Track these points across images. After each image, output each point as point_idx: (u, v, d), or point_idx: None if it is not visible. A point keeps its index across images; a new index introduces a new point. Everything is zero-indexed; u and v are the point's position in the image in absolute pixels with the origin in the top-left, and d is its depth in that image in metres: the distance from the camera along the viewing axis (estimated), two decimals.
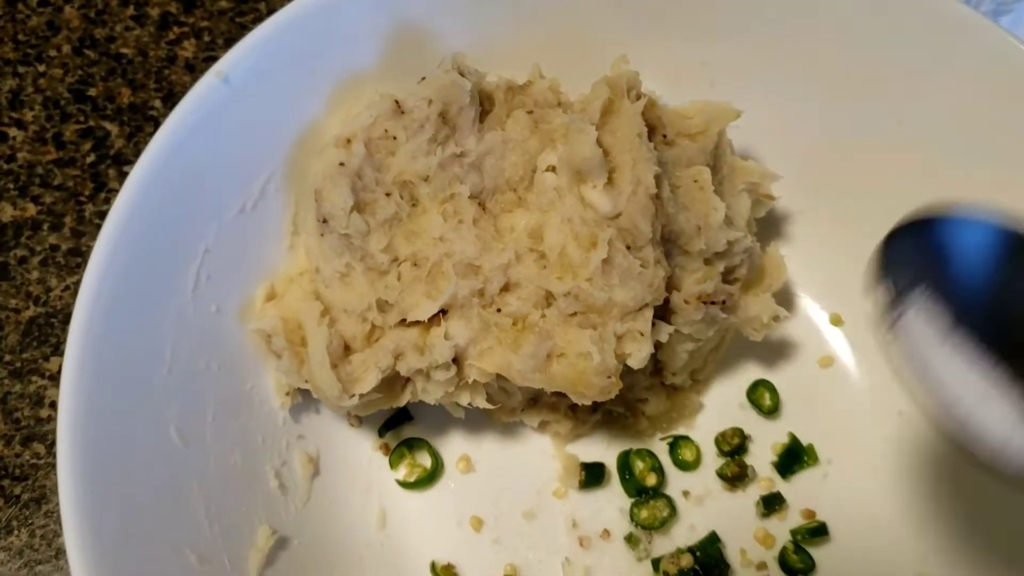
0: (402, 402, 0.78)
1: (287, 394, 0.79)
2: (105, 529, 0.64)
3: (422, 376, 0.76)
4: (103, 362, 0.67)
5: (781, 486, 0.84)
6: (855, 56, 0.83)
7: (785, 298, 0.88)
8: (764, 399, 0.86)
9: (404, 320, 0.76)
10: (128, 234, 0.71)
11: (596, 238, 0.74)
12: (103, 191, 0.98)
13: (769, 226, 0.90)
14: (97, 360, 0.67)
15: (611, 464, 0.85)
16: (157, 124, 0.99)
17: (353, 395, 0.74)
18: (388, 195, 0.76)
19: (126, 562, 0.64)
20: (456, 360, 0.75)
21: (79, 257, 0.95)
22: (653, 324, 0.75)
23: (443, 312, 0.75)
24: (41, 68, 1.04)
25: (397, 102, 0.77)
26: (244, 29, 1.06)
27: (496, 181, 0.77)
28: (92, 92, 1.03)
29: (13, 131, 1.01)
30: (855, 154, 0.87)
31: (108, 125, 1.01)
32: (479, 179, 0.77)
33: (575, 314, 0.75)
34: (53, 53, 1.04)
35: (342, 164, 0.75)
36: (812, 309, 0.90)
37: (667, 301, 0.77)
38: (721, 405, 0.87)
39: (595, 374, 0.73)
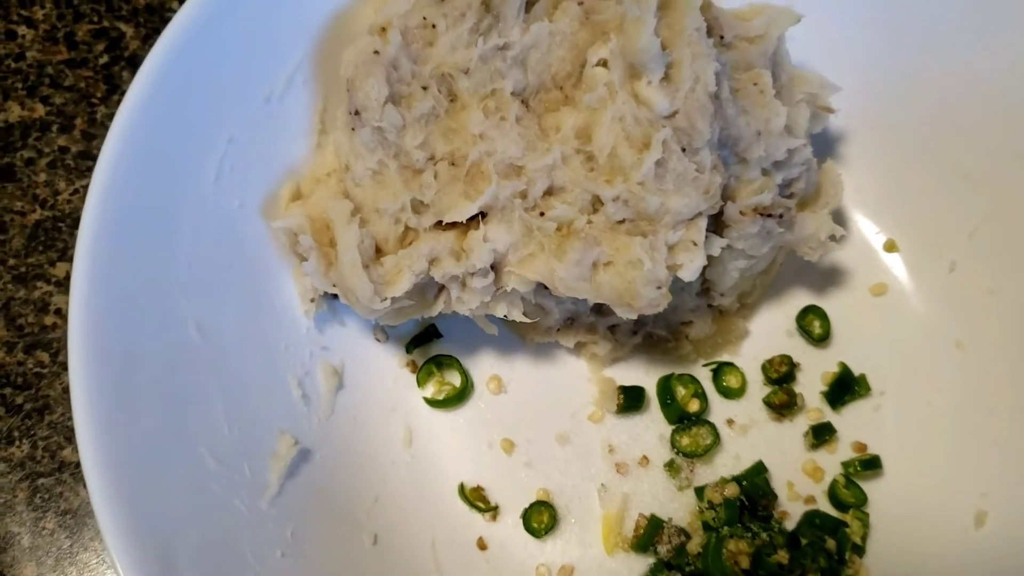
0: (435, 311, 0.73)
1: (312, 300, 0.74)
2: (119, 432, 0.59)
3: (457, 284, 0.71)
4: (118, 250, 0.63)
5: (831, 417, 0.79)
6: None
7: (838, 221, 0.82)
8: (814, 326, 0.82)
9: (440, 222, 0.71)
10: (146, 118, 0.66)
11: (650, 138, 0.69)
12: (116, 94, 0.93)
13: (824, 144, 0.85)
14: (111, 247, 0.63)
15: (650, 389, 0.80)
16: None
17: (385, 298, 0.69)
18: (425, 88, 0.71)
19: (142, 464, 0.59)
20: (495, 267, 0.71)
21: (89, 161, 0.90)
22: (706, 235, 0.70)
23: (482, 215, 0.70)
24: None
25: None
26: None
27: (541, 77, 0.72)
28: None
29: (23, 29, 0.95)
30: (915, 67, 0.83)
31: (123, 26, 0.96)
32: (523, 74, 0.72)
33: (624, 221, 0.70)
34: None
35: (376, 52, 0.70)
36: (866, 233, 0.85)
37: (721, 212, 0.73)
38: (769, 331, 0.83)
39: (644, 284, 0.68)
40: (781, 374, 0.79)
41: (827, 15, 0.82)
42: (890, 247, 0.84)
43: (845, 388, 0.79)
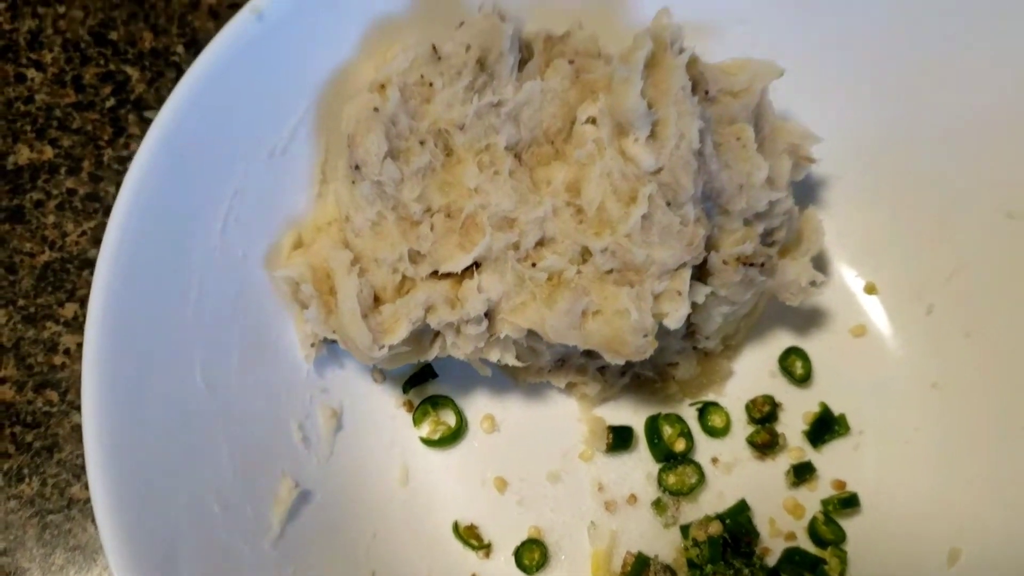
0: (431, 356, 0.76)
1: (312, 345, 0.77)
2: (128, 473, 0.62)
3: (452, 330, 0.74)
4: (129, 301, 0.65)
5: (812, 456, 0.82)
6: (899, 20, 0.81)
7: (820, 265, 0.86)
8: (796, 367, 0.85)
9: (436, 272, 0.74)
10: (156, 171, 0.69)
11: (636, 193, 0.72)
12: (123, 136, 0.96)
13: (805, 190, 0.88)
14: (122, 299, 0.65)
15: (638, 428, 0.83)
16: (179, 70, 0.97)
17: (383, 346, 0.72)
18: (422, 143, 0.74)
19: (149, 508, 0.62)
20: (488, 315, 0.74)
21: (97, 202, 0.93)
22: (690, 284, 0.73)
23: (476, 265, 0.73)
24: (61, 9, 1.01)
25: (434, 47, 0.74)
26: None
27: (534, 132, 0.75)
28: (113, 35, 1.00)
29: (31, 72, 0.98)
30: (895, 121, 0.86)
31: (128, 69, 0.99)
32: (516, 130, 0.75)
33: (612, 271, 0.73)
34: None
35: (376, 109, 0.73)
36: (846, 277, 0.88)
37: (705, 261, 0.76)
38: (752, 372, 0.86)
39: (631, 332, 0.71)
40: (764, 414, 0.83)
41: (810, 66, 0.84)
42: (870, 290, 0.87)
43: (825, 427, 0.83)
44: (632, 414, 0.84)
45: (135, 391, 0.64)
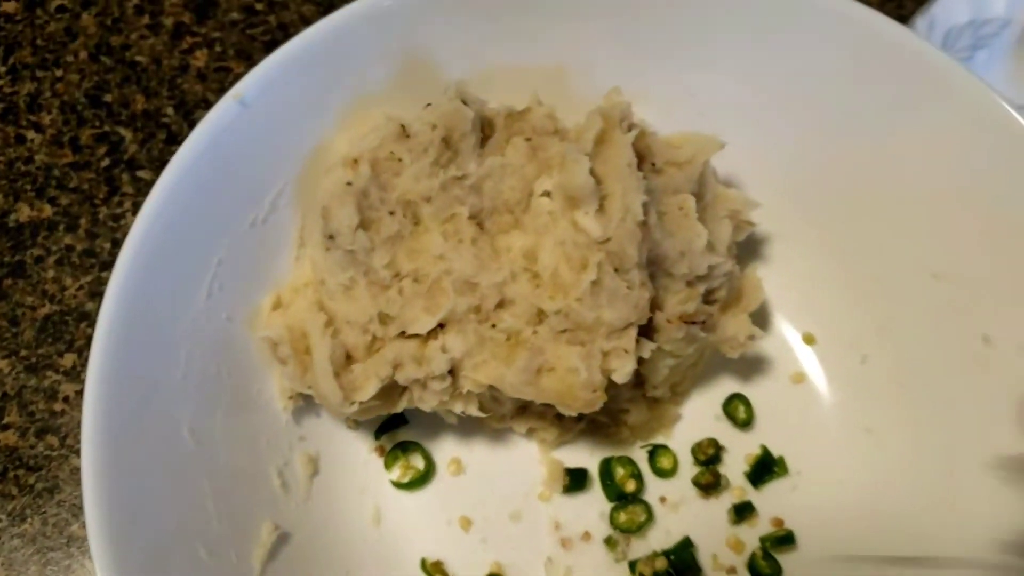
0: (399, 408, 0.83)
1: (290, 398, 0.84)
2: (122, 522, 0.69)
3: (419, 385, 0.81)
4: (123, 363, 0.72)
5: (752, 495, 0.89)
6: (831, 92, 0.88)
7: (761, 317, 0.93)
8: (739, 412, 0.92)
9: (404, 333, 0.80)
10: (148, 245, 0.75)
11: (587, 261, 0.79)
12: (116, 194, 1.03)
13: (748, 248, 0.95)
14: (118, 360, 0.72)
15: (593, 470, 0.90)
16: (169, 130, 1.04)
17: (354, 402, 0.79)
18: (392, 214, 0.81)
19: (142, 554, 0.69)
20: (452, 371, 0.80)
21: (93, 258, 1.00)
22: (637, 341, 0.80)
23: (441, 326, 0.80)
24: (58, 73, 1.08)
25: (403, 126, 0.81)
26: (254, 40, 1.10)
27: (495, 203, 0.82)
28: (108, 98, 1.07)
29: (31, 134, 1.05)
30: (831, 183, 0.92)
31: (122, 130, 1.05)
32: (479, 201, 0.82)
33: (565, 331, 0.80)
34: (70, 59, 1.08)
35: (349, 183, 0.80)
36: (786, 328, 0.95)
37: (651, 320, 0.82)
38: (698, 416, 0.93)
39: (582, 388, 0.78)
40: (708, 456, 0.90)
41: (755, 131, 0.91)
42: (808, 340, 0.94)
43: (765, 469, 0.90)
44: (588, 456, 0.91)
45: (129, 443, 0.71)
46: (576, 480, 0.89)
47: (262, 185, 0.82)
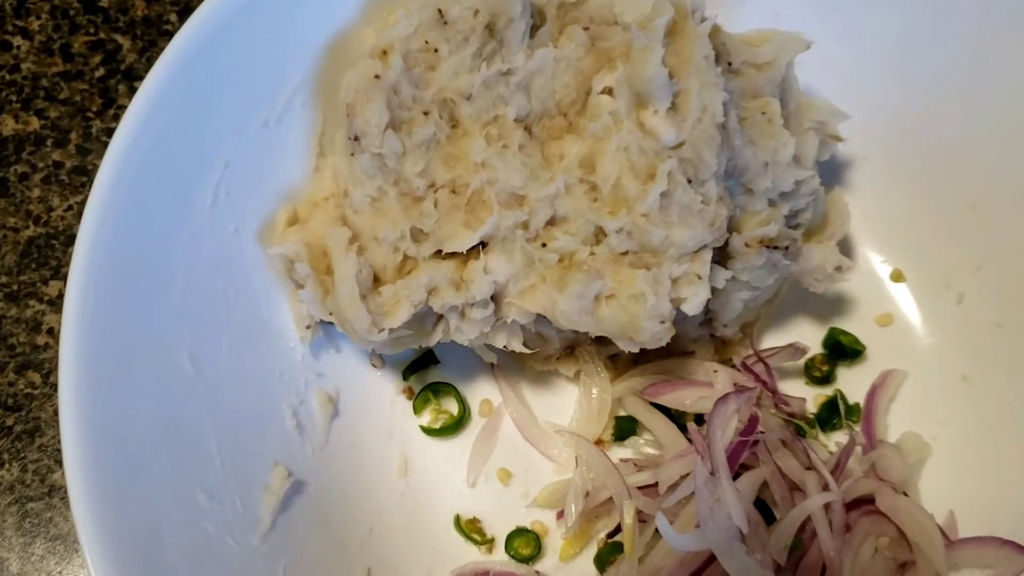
0: (433, 341, 0.72)
1: (308, 327, 0.73)
2: (108, 462, 0.59)
3: (456, 313, 0.70)
4: (110, 279, 0.62)
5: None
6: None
7: (844, 250, 0.81)
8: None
9: (440, 252, 0.70)
10: (141, 143, 0.65)
11: (655, 169, 0.68)
12: (112, 107, 0.92)
13: (831, 171, 0.84)
14: (104, 276, 0.62)
15: None
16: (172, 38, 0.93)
17: (383, 329, 0.68)
18: (426, 114, 0.70)
19: (130, 501, 0.58)
20: (495, 298, 0.70)
21: (84, 176, 0.89)
22: (711, 268, 0.69)
23: (483, 245, 0.70)
24: None
25: (440, 11, 0.70)
26: None
27: (545, 104, 0.71)
28: (103, 2, 0.96)
29: (17, 40, 0.94)
30: (926, 97, 0.82)
31: (119, 38, 0.94)
32: (526, 101, 0.71)
33: (627, 253, 0.69)
34: None
35: (377, 77, 0.69)
36: (873, 263, 0.84)
37: (726, 244, 0.72)
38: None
39: (647, 318, 0.67)
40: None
41: (837, 42, 0.81)
42: (897, 277, 0.83)
43: (835, 412, 0.78)
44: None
45: (117, 375, 0.61)
46: (626, 427, 0.78)
47: (276, 78, 0.72)
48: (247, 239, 0.71)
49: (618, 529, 0.71)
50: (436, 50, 0.70)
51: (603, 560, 0.72)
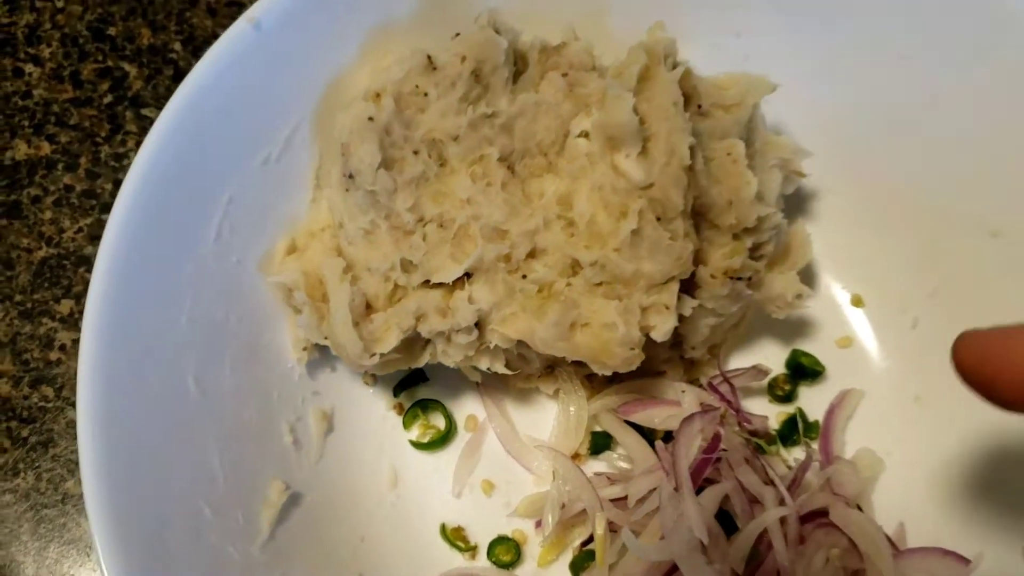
0: (421, 363, 0.77)
1: (304, 349, 0.78)
2: (120, 477, 0.63)
3: (443, 338, 0.76)
4: (124, 306, 0.67)
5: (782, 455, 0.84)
6: (890, 35, 0.82)
7: (807, 277, 0.87)
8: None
9: (428, 281, 0.75)
10: (152, 180, 0.70)
11: (627, 208, 0.73)
12: (119, 133, 0.97)
13: (794, 203, 0.89)
14: (118, 304, 0.66)
15: None
16: (176, 67, 0.98)
17: (374, 354, 0.73)
18: (416, 153, 0.75)
19: (142, 512, 0.63)
20: (478, 324, 0.75)
21: (93, 199, 0.94)
22: (678, 297, 0.74)
23: (467, 275, 0.74)
24: (59, 4, 1.01)
25: (430, 57, 0.75)
26: None
27: (527, 144, 0.76)
28: (111, 31, 1.00)
29: (29, 67, 0.98)
30: (886, 135, 0.86)
31: (127, 66, 0.99)
32: (509, 141, 0.76)
33: (601, 284, 0.74)
34: None
35: (371, 119, 0.73)
36: (834, 289, 0.89)
37: (693, 275, 0.77)
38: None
39: (619, 345, 0.73)
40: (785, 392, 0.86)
41: (803, 79, 0.85)
42: (856, 302, 0.88)
43: (794, 428, 0.84)
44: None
45: (129, 394, 0.66)
46: (602, 442, 0.83)
47: (276, 120, 0.76)
48: (248, 268, 0.75)
49: (591, 538, 0.76)
50: (426, 94, 0.75)
51: (577, 567, 0.78)
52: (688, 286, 0.77)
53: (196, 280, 0.71)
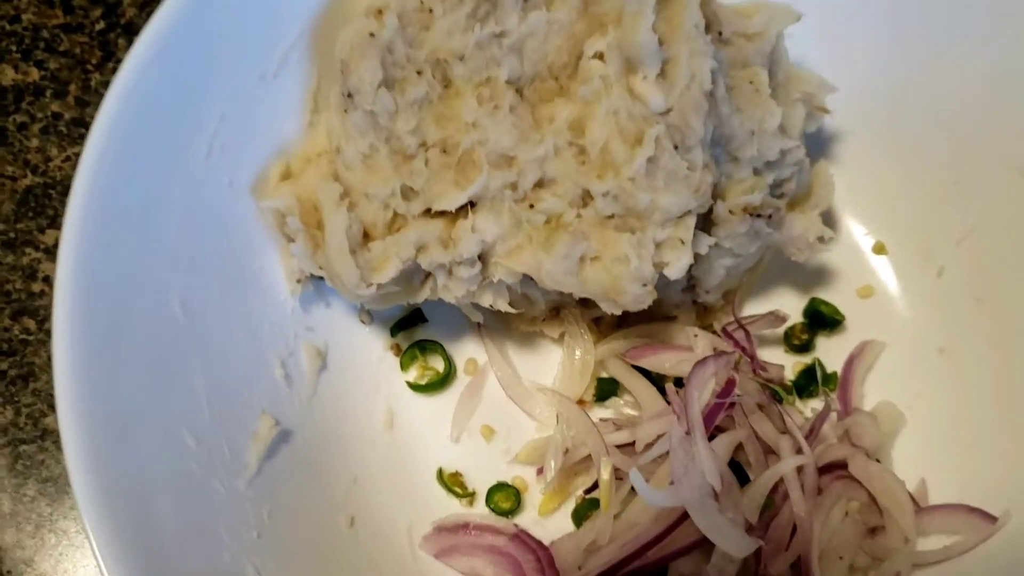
0: (420, 298, 0.73)
1: (298, 281, 0.74)
2: (99, 402, 0.60)
3: (444, 271, 0.72)
4: (105, 224, 0.63)
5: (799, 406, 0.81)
6: None
7: (828, 221, 0.82)
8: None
9: (429, 210, 0.71)
10: (138, 93, 0.66)
11: (642, 134, 0.68)
12: (111, 60, 0.93)
13: (817, 143, 0.84)
14: (99, 221, 0.63)
15: None
16: None
17: (371, 284, 0.69)
18: (420, 73, 0.70)
19: (120, 440, 0.60)
20: (482, 257, 0.71)
21: (83, 128, 0.90)
22: (694, 234, 0.70)
23: (471, 204, 0.71)
24: None
25: None
26: None
27: (537, 66, 0.72)
28: None
29: None
30: (911, 76, 0.82)
31: None
32: (519, 63, 0.71)
33: (613, 216, 0.70)
34: None
35: (372, 35, 0.69)
36: (855, 235, 0.85)
37: (710, 210, 0.73)
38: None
39: (630, 281, 0.69)
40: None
41: (828, 14, 0.81)
42: (879, 249, 0.84)
43: (812, 379, 0.80)
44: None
45: (109, 317, 0.62)
46: (607, 388, 0.79)
47: (273, 33, 0.73)
48: (240, 192, 0.71)
49: (595, 486, 0.72)
50: (431, 10, 0.71)
51: (580, 515, 0.74)
52: (704, 223, 0.74)
53: (184, 198, 0.68)
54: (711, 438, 0.69)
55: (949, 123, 0.82)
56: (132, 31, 0.93)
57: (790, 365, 0.81)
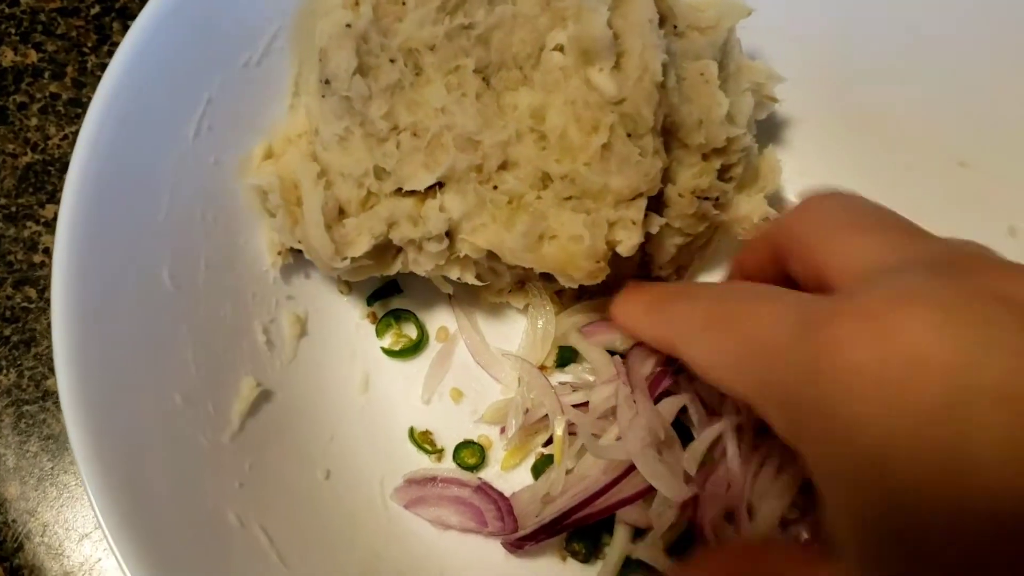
0: (392, 271, 0.79)
1: (279, 253, 0.80)
2: (94, 367, 0.65)
3: (414, 247, 0.77)
4: (101, 199, 0.68)
5: None
6: None
7: (776, 202, 0.88)
8: None
9: (400, 189, 0.76)
10: (132, 76, 0.71)
11: (598, 122, 0.74)
12: (106, 44, 0.98)
13: (768, 129, 0.90)
14: (94, 197, 0.68)
15: None
16: None
17: (345, 257, 0.75)
18: (392, 61, 0.76)
19: (115, 398, 0.66)
20: (449, 233, 0.76)
21: (79, 107, 0.95)
22: (646, 214, 0.76)
23: (439, 184, 0.76)
24: None
25: None
26: None
27: (502, 56, 0.77)
28: None
29: None
30: (865, 64, 0.88)
31: None
32: (485, 53, 0.77)
33: (570, 198, 0.76)
34: None
35: (348, 25, 0.75)
36: None
37: (661, 193, 0.78)
38: None
39: (584, 258, 0.74)
40: None
41: (781, 8, 0.86)
42: None
43: None
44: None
45: (103, 287, 0.67)
46: (565, 356, 0.85)
47: (257, 24, 0.77)
48: (226, 170, 0.77)
49: (551, 441, 0.79)
50: (403, 2, 0.76)
51: (539, 470, 0.80)
52: (656, 205, 0.79)
53: (174, 177, 0.73)
54: (656, 402, 0.76)
55: (894, 114, 0.87)
56: (126, 16, 0.98)
57: None
